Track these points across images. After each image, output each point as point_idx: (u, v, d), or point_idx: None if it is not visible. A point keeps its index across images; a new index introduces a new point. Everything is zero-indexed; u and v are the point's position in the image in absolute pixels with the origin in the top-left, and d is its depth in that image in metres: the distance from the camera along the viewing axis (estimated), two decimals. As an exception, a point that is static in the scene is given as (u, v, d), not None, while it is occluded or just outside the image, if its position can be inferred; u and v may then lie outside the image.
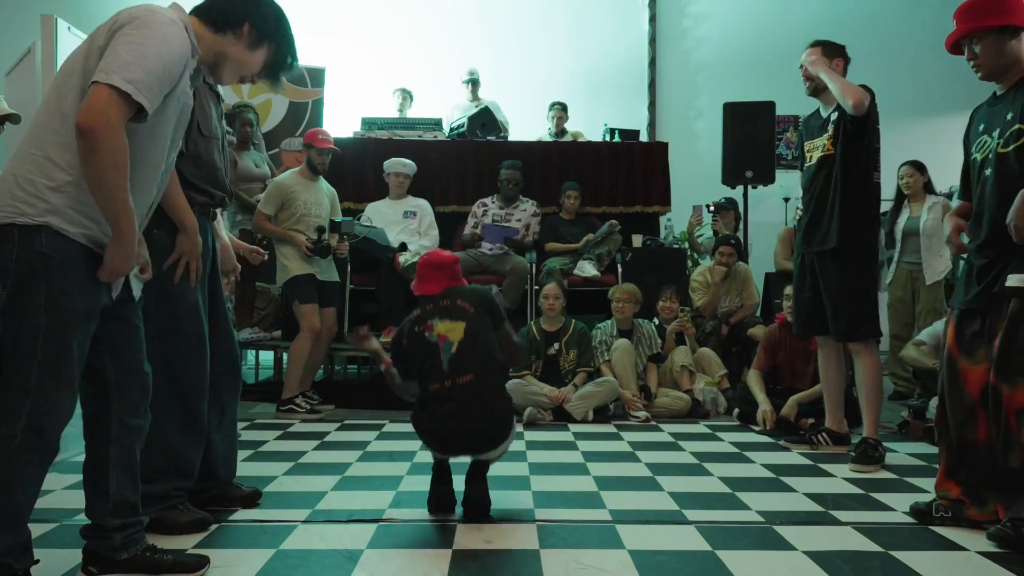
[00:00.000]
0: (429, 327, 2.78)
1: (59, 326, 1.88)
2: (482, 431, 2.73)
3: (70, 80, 1.92)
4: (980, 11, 2.58)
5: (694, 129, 8.74)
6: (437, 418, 2.72)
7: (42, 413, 1.87)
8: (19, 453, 1.85)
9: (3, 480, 1.84)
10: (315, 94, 7.40)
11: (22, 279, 1.86)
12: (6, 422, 1.85)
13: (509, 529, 2.63)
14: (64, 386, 1.91)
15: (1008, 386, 2.48)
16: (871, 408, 3.59)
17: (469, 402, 2.68)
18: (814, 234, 3.61)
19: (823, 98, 3.66)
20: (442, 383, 2.70)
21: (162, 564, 2.14)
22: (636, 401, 4.72)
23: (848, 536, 2.57)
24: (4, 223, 1.85)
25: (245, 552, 2.38)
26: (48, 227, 1.86)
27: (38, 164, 1.87)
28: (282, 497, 2.99)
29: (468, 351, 2.73)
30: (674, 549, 2.43)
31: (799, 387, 4.48)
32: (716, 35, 8.79)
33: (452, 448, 2.78)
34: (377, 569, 2.27)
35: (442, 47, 8.46)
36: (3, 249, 1.85)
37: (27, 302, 1.86)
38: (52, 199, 1.86)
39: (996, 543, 2.45)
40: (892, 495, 3.06)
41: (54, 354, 1.88)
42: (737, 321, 5.54)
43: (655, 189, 6.21)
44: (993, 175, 2.59)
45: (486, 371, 2.75)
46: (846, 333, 3.58)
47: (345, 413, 4.81)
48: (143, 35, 1.86)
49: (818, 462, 3.62)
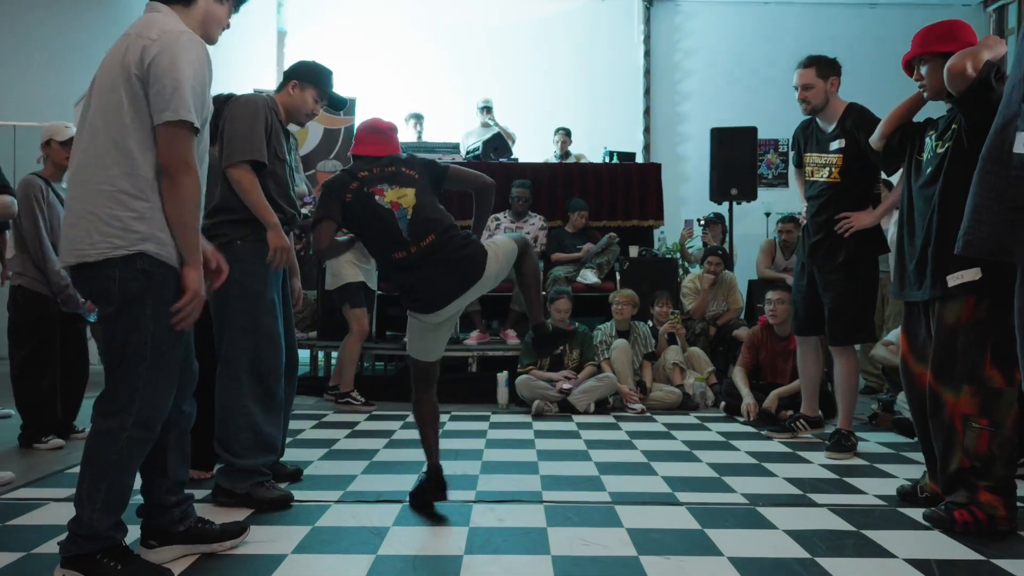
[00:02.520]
0: (379, 191, 2.52)
1: (163, 332, 1.92)
2: (465, 278, 2.48)
3: (120, 114, 1.87)
4: (930, 38, 2.58)
5: (684, 151, 8.75)
6: (418, 286, 2.48)
7: (149, 407, 1.92)
8: (129, 444, 1.90)
9: (117, 467, 1.89)
10: (346, 121, 7.45)
11: (129, 295, 1.88)
12: (119, 416, 1.89)
13: (520, 509, 2.63)
14: (169, 383, 1.96)
15: (952, 394, 2.42)
16: (846, 402, 3.55)
17: (440, 260, 2.46)
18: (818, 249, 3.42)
19: (822, 115, 3.45)
20: (408, 250, 2.46)
21: (212, 533, 2.18)
22: (633, 395, 4.71)
23: (824, 516, 2.56)
24: (103, 259, 1.86)
25: (285, 528, 2.39)
26: (145, 253, 1.88)
27: (115, 199, 1.86)
28: (317, 480, 3.00)
29: (423, 214, 2.49)
30: (667, 527, 2.43)
31: (780, 382, 4.46)
32: (704, 67, 8.79)
33: (442, 303, 2.49)
34: (401, 544, 2.27)
35: (459, 77, 8.50)
36: (106, 276, 1.88)
37: (137, 313, 1.90)
38: (140, 228, 1.87)
39: (931, 523, 2.43)
40: (864, 480, 3.04)
41: (160, 356, 1.92)
42: (723, 323, 5.52)
43: (650, 205, 6.21)
44: (931, 173, 2.56)
45: (444, 227, 2.50)
46: (843, 337, 3.44)
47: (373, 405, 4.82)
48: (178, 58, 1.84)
49: (797, 450, 3.60)
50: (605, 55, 8.78)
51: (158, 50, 1.85)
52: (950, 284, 2.42)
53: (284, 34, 8.72)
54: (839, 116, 3.39)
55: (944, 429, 2.45)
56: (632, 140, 8.52)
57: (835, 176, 3.38)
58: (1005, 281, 2.29)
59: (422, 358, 2.64)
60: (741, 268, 6.53)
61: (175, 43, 1.86)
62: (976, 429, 2.38)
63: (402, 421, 4.28)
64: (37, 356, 3.63)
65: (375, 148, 2.67)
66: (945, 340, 2.44)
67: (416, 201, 2.50)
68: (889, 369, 4.46)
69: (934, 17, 2.79)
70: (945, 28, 2.59)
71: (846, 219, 3.32)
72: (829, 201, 3.40)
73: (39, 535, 2.30)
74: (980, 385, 2.38)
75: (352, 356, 4.75)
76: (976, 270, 2.36)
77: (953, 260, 2.37)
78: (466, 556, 2.17)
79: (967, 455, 2.39)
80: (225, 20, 2.12)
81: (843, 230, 3.32)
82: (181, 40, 1.87)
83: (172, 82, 1.83)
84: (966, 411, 2.39)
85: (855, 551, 2.23)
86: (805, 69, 3.41)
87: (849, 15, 8.64)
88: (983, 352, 2.38)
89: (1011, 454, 2.41)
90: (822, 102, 3.41)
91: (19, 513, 2.55)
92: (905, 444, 3.73)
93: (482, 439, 3.84)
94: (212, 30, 2.08)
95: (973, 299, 2.39)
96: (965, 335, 2.40)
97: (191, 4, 2.01)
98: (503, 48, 8.67)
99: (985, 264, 2.33)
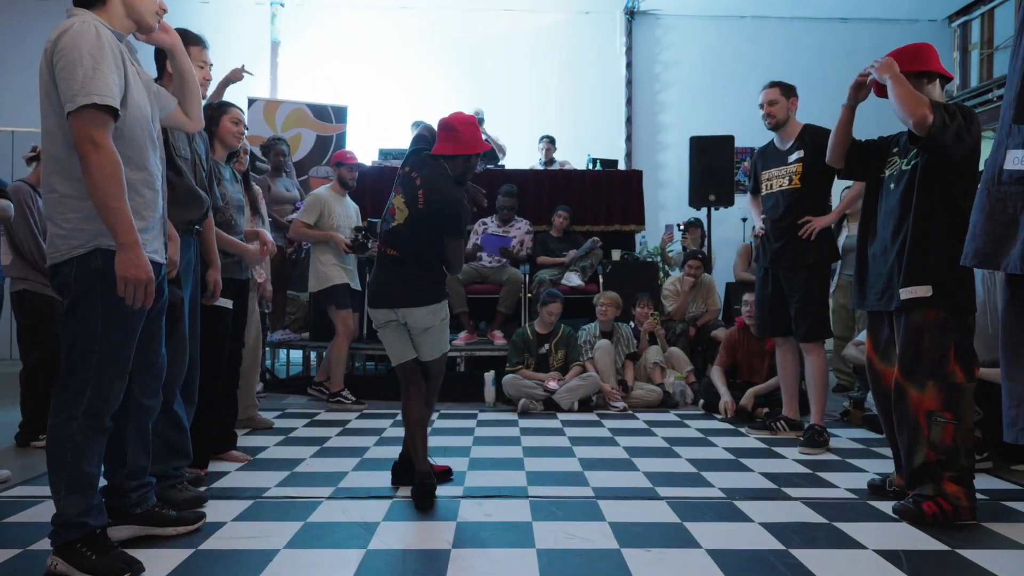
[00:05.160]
0: (396, 190, 2.65)
1: (113, 329, 1.92)
2: (402, 295, 2.59)
3: (47, 122, 1.90)
4: (900, 59, 2.61)
5: (664, 159, 8.79)
6: (377, 279, 2.67)
7: (99, 399, 1.92)
8: (80, 432, 1.91)
9: (71, 454, 1.91)
10: (338, 128, 7.42)
11: (81, 292, 1.90)
12: (69, 407, 1.91)
13: (506, 504, 2.62)
14: (118, 377, 1.96)
15: (917, 390, 2.46)
16: (818, 399, 3.61)
17: (390, 273, 2.61)
18: (783, 254, 3.60)
19: (782, 133, 3.68)
20: (379, 244, 2.68)
21: (167, 519, 2.25)
22: (615, 393, 4.72)
23: (797, 509, 2.58)
24: (64, 260, 1.90)
25: (278, 524, 2.38)
26: (99, 248, 1.89)
27: (61, 203, 1.89)
28: (309, 477, 2.99)
29: (400, 235, 2.60)
30: (648, 521, 2.44)
31: (756, 380, 4.49)
32: (683, 79, 8.84)
33: (375, 303, 2.66)
34: (391, 538, 2.26)
35: (449, 88, 8.49)
36: (66, 274, 1.91)
37: (87, 310, 1.90)
38: (88, 226, 1.88)
39: (900, 516, 2.46)
40: (835, 474, 3.07)
41: (110, 350, 1.92)
42: (702, 324, 5.54)
43: (631, 210, 6.23)
44: (896, 190, 2.59)
45: (413, 255, 2.59)
46: (807, 335, 3.57)
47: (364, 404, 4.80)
48: (70, 49, 1.82)
49: (772, 446, 3.62)
50: (589, 67, 8.81)
51: (53, 50, 1.84)
52: (903, 297, 2.48)
53: (278, 44, 8.67)
54: (797, 133, 3.64)
55: (909, 425, 2.48)
56: (615, 148, 8.55)
57: (795, 183, 3.58)
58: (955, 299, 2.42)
59: (392, 359, 2.77)
60: (719, 271, 6.56)
61: (65, 39, 1.83)
62: (941, 423, 2.41)
63: (392, 419, 4.27)
64: (48, 358, 3.60)
65: (439, 147, 2.70)
66: (911, 340, 2.48)
67: (403, 224, 2.63)
68: (860, 368, 4.49)
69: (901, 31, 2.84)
70: (913, 51, 2.64)
71: (808, 222, 3.52)
72: (790, 207, 3.58)
73: (35, 532, 2.27)
74: (944, 381, 2.42)
75: (340, 356, 4.73)
76: (928, 288, 2.43)
77: (913, 274, 2.45)
78: (454, 550, 2.16)
79: (933, 449, 2.42)
80: (154, 3, 2.05)
81: (807, 233, 3.51)
82: (70, 34, 1.84)
83: (68, 74, 1.80)
84: (931, 407, 2.43)
85: (827, 543, 2.24)
86: (770, 89, 3.68)
87: (821, 29, 8.74)
88: (947, 351, 2.42)
89: (972, 446, 2.46)
90: (784, 117, 3.65)
91: (16, 511, 2.51)
92: (875, 440, 3.76)
93: (470, 436, 3.84)
94: (143, 17, 2.02)
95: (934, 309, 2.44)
96: (930, 335, 2.44)
97: (105, 2, 1.95)
98: (493, 58, 8.67)
99: (937, 282, 2.42)
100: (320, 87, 8.07)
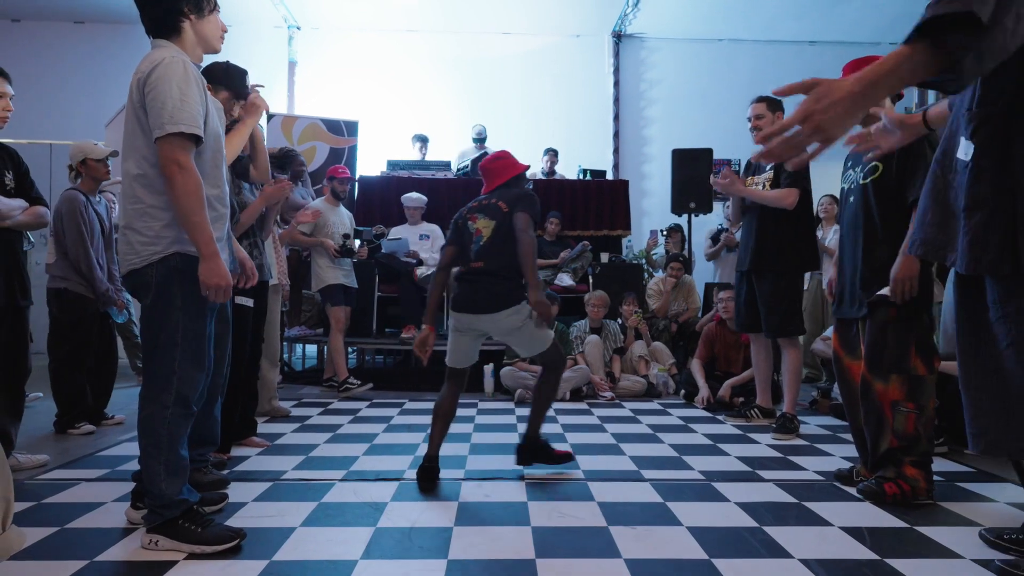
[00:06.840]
0: (473, 218, 2.75)
1: (191, 321, 1.94)
2: (485, 302, 2.65)
3: (134, 140, 1.93)
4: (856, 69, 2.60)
5: (648, 169, 8.79)
6: (461, 290, 2.72)
7: (185, 386, 1.94)
8: (173, 419, 1.93)
9: (167, 440, 1.93)
10: (350, 142, 7.41)
11: (161, 290, 1.92)
12: (160, 397, 1.92)
13: (504, 486, 2.62)
14: (198, 366, 1.97)
15: (881, 382, 2.45)
16: (791, 389, 3.60)
17: (474, 284, 2.68)
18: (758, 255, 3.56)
19: None
20: (468, 265, 2.72)
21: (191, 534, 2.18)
22: (603, 384, 4.72)
23: (770, 490, 2.58)
24: (145, 264, 1.92)
25: (295, 504, 2.38)
26: (177, 253, 1.92)
27: (146, 213, 1.92)
28: (323, 460, 2.99)
29: (487, 249, 2.69)
30: (634, 501, 2.44)
31: (733, 371, 4.49)
32: (666, 96, 8.84)
33: (459, 308, 2.72)
34: (399, 517, 2.26)
35: (452, 104, 8.49)
36: (147, 275, 1.93)
37: (168, 305, 1.93)
38: (168, 233, 1.92)
39: (863, 496, 2.46)
40: (805, 458, 3.07)
41: (190, 341, 1.94)
42: (683, 321, 5.56)
43: (618, 217, 6.23)
44: (855, 203, 2.59)
45: (495, 262, 2.66)
46: (777, 330, 3.56)
47: (373, 393, 4.80)
48: (161, 82, 1.85)
49: (747, 432, 3.62)
50: (580, 85, 8.81)
51: (146, 80, 1.88)
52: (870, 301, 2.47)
53: (295, 64, 8.65)
54: None
55: (875, 415, 2.48)
56: (603, 159, 8.55)
57: (767, 189, 3.58)
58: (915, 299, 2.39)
59: (448, 361, 2.77)
60: (699, 273, 6.57)
61: (157, 72, 1.87)
62: (904, 413, 2.41)
63: (399, 408, 4.27)
64: (76, 353, 3.59)
65: (487, 185, 2.85)
66: (876, 336, 2.47)
67: (492, 234, 2.69)
68: (827, 361, 4.51)
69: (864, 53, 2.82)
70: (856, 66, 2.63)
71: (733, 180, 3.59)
72: (764, 212, 3.57)
73: (71, 511, 2.27)
74: (906, 374, 2.42)
75: (338, 347, 4.79)
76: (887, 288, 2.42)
77: (876, 281, 2.46)
78: (456, 527, 2.16)
79: (896, 436, 2.43)
80: (218, 29, 2.09)
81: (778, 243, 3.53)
82: (161, 67, 1.88)
83: (159, 104, 1.85)
84: (894, 397, 2.43)
85: (797, 520, 2.25)
86: (758, 104, 3.61)
87: (792, 51, 8.75)
88: (908, 345, 2.42)
89: (932, 432, 2.46)
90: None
91: (54, 492, 2.51)
92: (841, 426, 3.77)
93: (470, 424, 3.83)
94: (211, 43, 2.07)
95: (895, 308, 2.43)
96: (893, 331, 2.44)
97: (180, 33, 1.99)
98: (492, 78, 8.67)
99: None
100: (333, 103, 8.07)
